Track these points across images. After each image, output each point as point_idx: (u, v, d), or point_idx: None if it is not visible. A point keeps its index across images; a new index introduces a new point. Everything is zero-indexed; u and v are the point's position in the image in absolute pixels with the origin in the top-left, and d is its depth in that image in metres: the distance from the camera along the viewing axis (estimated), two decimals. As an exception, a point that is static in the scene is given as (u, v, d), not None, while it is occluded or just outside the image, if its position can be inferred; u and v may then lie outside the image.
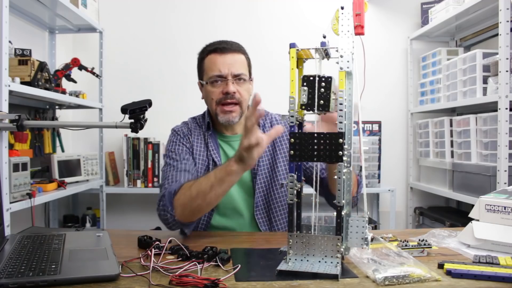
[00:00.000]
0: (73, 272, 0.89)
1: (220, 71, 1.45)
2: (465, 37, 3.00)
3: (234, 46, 1.50)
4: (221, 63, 1.45)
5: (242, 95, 1.47)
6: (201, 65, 1.54)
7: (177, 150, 1.50)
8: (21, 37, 2.45)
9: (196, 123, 1.59)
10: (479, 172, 2.27)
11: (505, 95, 2.05)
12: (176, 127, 1.59)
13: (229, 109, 1.46)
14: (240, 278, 0.90)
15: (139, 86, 3.08)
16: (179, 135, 1.55)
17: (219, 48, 1.47)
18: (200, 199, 1.23)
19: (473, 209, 1.21)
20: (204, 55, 1.51)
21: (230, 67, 1.45)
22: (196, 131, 1.56)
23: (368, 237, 0.95)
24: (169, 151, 1.52)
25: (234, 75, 1.46)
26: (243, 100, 1.48)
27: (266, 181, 1.50)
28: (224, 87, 1.45)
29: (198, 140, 1.54)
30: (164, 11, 3.12)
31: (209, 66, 1.48)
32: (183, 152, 1.50)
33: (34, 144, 2.43)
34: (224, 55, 1.46)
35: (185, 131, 1.56)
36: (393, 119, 3.18)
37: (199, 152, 1.52)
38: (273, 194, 1.50)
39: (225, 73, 1.45)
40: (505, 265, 0.97)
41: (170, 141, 1.55)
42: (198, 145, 1.53)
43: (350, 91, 0.98)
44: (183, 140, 1.53)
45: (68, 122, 2.65)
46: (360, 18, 0.94)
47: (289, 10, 3.16)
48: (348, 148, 0.96)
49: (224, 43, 1.49)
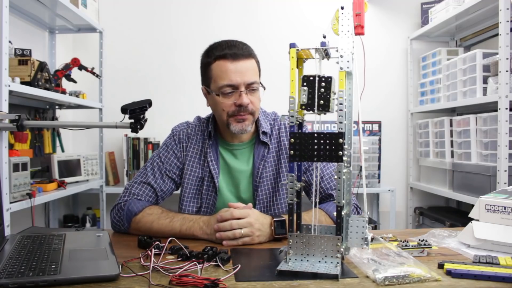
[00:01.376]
0: (73, 272, 0.89)
1: (231, 80, 1.33)
2: (465, 37, 3.00)
3: (245, 51, 1.37)
4: (232, 71, 1.33)
5: (254, 105, 1.39)
6: (207, 70, 1.40)
7: (164, 158, 1.47)
8: (21, 37, 2.45)
9: (200, 127, 1.52)
10: (479, 172, 2.27)
11: (505, 95, 2.05)
12: (176, 128, 1.54)
13: (242, 118, 1.38)
14: (240, 278, 0.90)
15: (139, 86, 3.08)
16: (174, 140, 1.50)
17: (230, 54, 1.34)
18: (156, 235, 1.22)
19: (473, 209, 1.21)
20: (212, 60, 1.37)
21: (243, 76, 1.34)
22: (197, 136, 1.50)
23: (368, 237, 0.95)
24: (157, 155, 1.49)
25: (248, 84, 1.35)
26: (256, 110, 1.40)
27: (267, 194, 1.45)
28: (236, 99, 1.35)
29: (195, 147, 1.48)
30: (164, 11, 3.12)
31: (218, 74, 1.35)
32: (168, 163, 1.46)
33: (34, 144, 2.43)
34: (235, 62, 1.34)
35: (182, 136, 1.50)
36: (393, 119, 3.18)
37: (193, 163, 1.47)
38: (275, 208, 1.45)
39: (238, 82, 1.34)
40: (505, 265, 0.97)
41: (164, 143, 1.52)
42: (194, 153, 1.48)
43: (350, 91, 0.98)
44: (176, 148, 1.48)
45: (68, 122, 2.64)
46: (360, 18, 0.94)
47: (289, 10, 3.16)
48: (348, 148, 0.96)
49: (234, 48, 1.36)
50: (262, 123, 1.49)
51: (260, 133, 1.47)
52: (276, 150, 1.49)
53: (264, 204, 1.45)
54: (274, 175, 1.46)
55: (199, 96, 1.55)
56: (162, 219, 1.27)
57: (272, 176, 1.46)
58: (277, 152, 1.48)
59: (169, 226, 1.25)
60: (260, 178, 1.45)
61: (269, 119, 1.53)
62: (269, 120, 1.53)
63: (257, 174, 1.45)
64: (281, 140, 1.49)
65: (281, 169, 1.46)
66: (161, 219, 1.27)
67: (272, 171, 1.46)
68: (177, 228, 1.24)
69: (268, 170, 1.46)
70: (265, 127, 1.48)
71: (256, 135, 1.49)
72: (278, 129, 1.51)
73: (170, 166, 1.46)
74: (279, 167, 1.47)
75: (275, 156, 1.48)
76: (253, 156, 1.47)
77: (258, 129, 1.48)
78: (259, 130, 1.47)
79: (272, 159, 1.47)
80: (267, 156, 1.47)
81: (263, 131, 1.47)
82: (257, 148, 1.47)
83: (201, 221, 1.24)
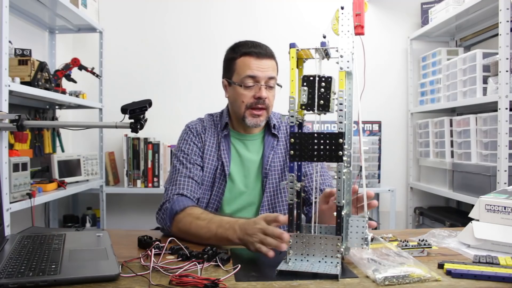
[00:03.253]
0: (73, 272, 0.89)
1: (254, 73, 1.45)
2: (465, 37, 3.00)
3: (268, 51, 1.50)
4: (256, 66, 1.46)
5: (270, 101, 1.50)
6: (231, 64, 1.51)
7: (187, 150, 1.50)
8: (21, 37, 2.45)
9: (213, 121, 1.59)
10: (479, 172, 2.27)
11: (505, 95, 2.05)
12: (191, 123, 1.59)
13: (258, 113, 1.48)
14: (240, 278, 0.90)
15: (139, 86, 3.08)
16: (192, 133, 1.55)
17: (255, 52, 1.47)
18: (195, 238, 1.22)
19: (473, 209, 1.21)
20: (237, 55, 1.49)
21: (265, 71, 1.46)
22: (211, 129, 1.56)
23: (368, 237, 0.95)
24: (179, 151, 1.52)
25: (268, 78, 1.46)
26: (270, 106, 1.51)
27: (275, 183, 1.51)
28: (256, 92, 1.46)
29: (211, 139, 1.54)
30: (164, 11, 3.11)
31: (242, 68, 1.47)
32: (192, 152, 1.50)
33: (34, 144, 2.43)
34: (259, 60, 1.46)
35: (199, 128, 1.56)
36: (393, 119, 3.18)
37: (210, 152, 1.52)
38: (280, 197, 1.51)
39: (259, 76, 1.45)
40: (505, 265, 0.97)
41: (182, 139, 1.55)
42: (211, 145, 1.53)
43: (350, 91, 0.98)
44: (195, 139, 1.53)
45: (68, 122, 2.65)
46: (360, 18, 0.94)
47: (287, 10, 3.16)
48: (348, 148, 0.96)
49: (259, 48, 1.49)
50: (272, 117, 1.59)
51: (271, 126, 1.57)
52: (284, 145, 1.58)
53: (271, 193, 1.51)
54: (282, 166, 1.54)
55: (199, 96, 1.56)
56: (201, 220, 1.23)
57: (280, 168, 1.54)
58: (285, 147, 1.57)
59: (205, 227, 1.20)
60: (269, 167, 1.52)
61: (276, 118, 1.62)
62: (276, 118, 1.62)
63: (267, 162, 1.52)
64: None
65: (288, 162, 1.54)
66: (199, 220, 1.23)
67: (280, 161, 1.54)
68: (214, 230, 1.18)
69: (277, 161, 1.54)
70: (275, 121, 1.59)
71: (267, 128, 1.59)
72: (286, 125, 1.62)
73: (195, 156, 1.50)
74: (287, 160, 1.54)
75: (282, 149, 1.57)
76: (263, 146, 1.57)
77: (268, 122, 1.58)
78: (270, 123, 1.57)
79: (280, 152, 1.56)
80: (276, 147, 1.56)
81: (274, 124, 1.58)
82: (267, 140, 1.57)
83: (237, 225, 1.14)
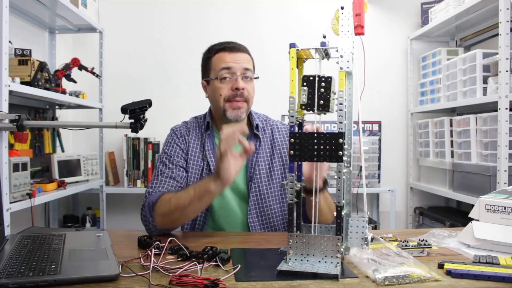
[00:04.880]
0: (73, 272, 0.89)
1: (228, 64, 1.47)
2: (465, 37, 3.00)
3: (242, 46, 1.53)
4: (230, 59, 1.48)
5: (249, 92, 1.49)
6: (207, 64, 1.54)
7: (170, 152, 1.52)
8: (21, 37, 2.45)
9: (197, 123, 1.60)
10: (479, 172, 2.27)
11: (505, 95, 2.05)
12: (175, 126, 1.61)
13: (237, 105, 1.48)
14: (240, 278, 0.90)
15: (139, 86, 3.08)
16: (176, 135, 1.56)
17: (228, 47, 1.50)
18: (178, 212, 1.27)
19: (473, 209, 1.21)
20: (212, 54, 1.52)
21: (240, 63, 1.48)
22: (195, 131, 1.57)
23: (368, 237, 0.95)
24: (163, 153, 1.54)
25: (243, 69, 1.47)
26: (250, 98, 1.51)
27: (261, 186, 1.50)
28: (233, 83, 1.47)
29: (195, 140, 1.55)
30: (164, 12, 3.11)
31: (217, 63, 1.49)
32: (176, 154, 1.51)
33: (34, 144, 2.43)
34: (234, 53, 1.49)
35: (183, 131, 1.57)
36: (393, 119, 3.18)
37: (195, 153, 1.53)
38: (268, 201, 1.49)
39: (234, 67, 1.47)
40: (505, 265, 0.97)
41: (166, 142, 1.57)
42: (195, 146, 1.54)
43: (350, 91, 0.98)
44: (179, 141, 1.54)
45: (68, 122, 2.64)
46: (360, 18, 0.94)
47: (287, 11, 3.15)
48: (348, 148, 0.96)
49: (232, 43, 1.52)
50: (256, 117, 1.58)
51: (253, 127, 1.56)
52: (269, 146, 1.56)
53: (258, 196, 1.49)
54: (267, 169, 1.53)
55: (199, 96, 1.56)
56: (178, 193, 1.32)
57: (265, 170, 1.52)
58: (270, 148, 1.56)
59: (184, 195, 1.28)
60: (253, 170, 1.51)
61: (260, 119, 1.61)
62: (260, 120, 1.61)
63: (251, 165, 1.51)
64: (275, 138, 1.58)
65: (274, 163, 1.53)
66: (176, 194, 1.32)
67: (265, 165, 1.53)
68: (191, 191, 1.26)
69: (261, 164, 1.52)
70: (258, 122, 1.58)
71: (250, 130, 1.57)
72: (271, 127, 1.60)
73: (178, 157, 1.51)
74: (273, 163, 1.54)
75: (267, 151, 1.55)
76: None
77: (251, 124, 1.56)
78: (252, 124, 1.56)
79: (265, 154, 1.55)
80: (259, 149, 1.54)
81: (256, 124, 1.56)
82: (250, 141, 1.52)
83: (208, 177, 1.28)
